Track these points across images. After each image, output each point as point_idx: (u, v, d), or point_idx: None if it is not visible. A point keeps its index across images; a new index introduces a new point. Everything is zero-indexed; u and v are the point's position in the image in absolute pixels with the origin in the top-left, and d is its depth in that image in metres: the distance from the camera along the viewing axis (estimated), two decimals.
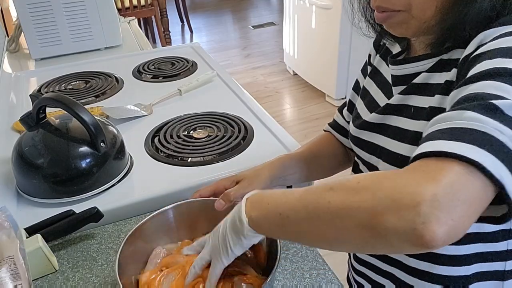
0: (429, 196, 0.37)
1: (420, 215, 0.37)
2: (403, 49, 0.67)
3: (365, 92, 0.74)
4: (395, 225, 0.38)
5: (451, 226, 0.37)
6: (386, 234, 0.39)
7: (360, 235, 0.41)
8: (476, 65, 0.47)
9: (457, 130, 0.41)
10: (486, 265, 0.61)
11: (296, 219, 0.47)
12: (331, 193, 0.44)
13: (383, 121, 0.65)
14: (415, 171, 0.40)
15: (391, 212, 0.38)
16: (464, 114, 0.42)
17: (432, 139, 0.42)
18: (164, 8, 3.69)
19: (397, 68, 0.63)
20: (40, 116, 0.84)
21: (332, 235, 0.44)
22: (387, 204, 0.39)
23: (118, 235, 0.77)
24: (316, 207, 0.45)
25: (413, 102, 0.60)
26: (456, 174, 0.38)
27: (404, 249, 0.40)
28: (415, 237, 0.37)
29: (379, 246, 0.41)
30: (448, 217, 0.37)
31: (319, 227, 0.45)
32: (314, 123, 2.90)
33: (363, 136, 0.69)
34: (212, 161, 0.92)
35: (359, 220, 0.41)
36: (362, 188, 0.42)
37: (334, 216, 0.43)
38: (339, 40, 2.76)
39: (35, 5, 1.51)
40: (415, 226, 0.37)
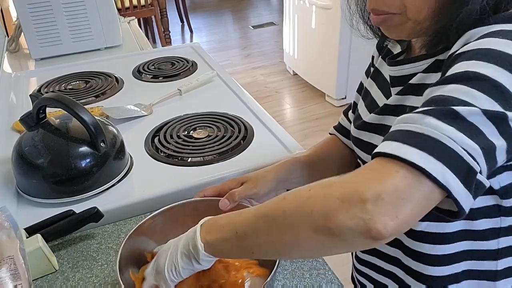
0: (374, 195, 0.40)
1: (368, 212, 0.40)
2: (403, 50, 0.67)
3: (366, 92, 0.74)
4: (345, 223, 0.41)
5: (396, 222, 0.40)
6: (340, 232, 0.42)
7: (317, 238, 0.44)
8: (454, 65, 0.47)
9: (413, 134, 0.43)
10: (476, 263, 0.61)
11: (254, 233, 0.48)
12: (285, 202, 0.47)
13: (381, 122, 0.65)
14: (366, 171, 0.44)
15: (341, 211, 0.41)
16: (424, 119, 0.43)
17: (391, 139, 0.44)
18: (164, 8, 3.69)
19: (395, 69, 0.63)
20: (40, 116, 0.84)
21: (290, 243, 0.46)
22: (337, 204, 0.42)
23: (118, 235, 0.77)
24: (272, 217, 0.47)
25: (410, 103, 0.60)
26: (402, 177, 0.41)
27: (358, 244, 0.42)
28: (365, 231, 0.40)
29: (335, 245, 0.44)
30: (393, 214, 0.40)
31: (277, 237, 0.47)
32: (314, 123, 2.90)
33: (363, 137, 0.69)
34: (212, 161, 0.92)
35: (314, 224, 0.43)
36: (313, 194, 0.45)
37: (290, 223, 0.45)
38: (339, 40, 2.76)
39: (35, 5, 1.51)
40: (363, 222, 0.40)
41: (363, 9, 0.66)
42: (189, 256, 0.53)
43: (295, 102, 3.20)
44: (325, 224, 0.42)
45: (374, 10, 0.57)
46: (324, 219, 0.42)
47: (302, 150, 0.93)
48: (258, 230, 0.48)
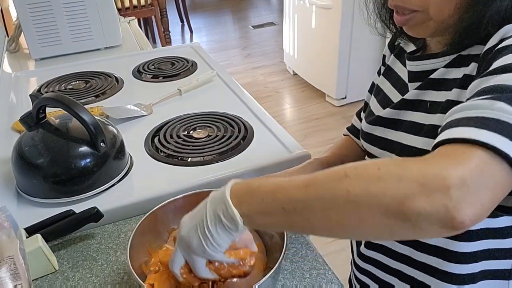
0: (458, 180, 0.38)
1: (452, 199, 0.37)
2: (419, 48, 0.67)
3: (378, 90, 0.75)
4: (425, 209, 0.38)
5: (479, 209, 0.38)
6: (417, 218, 0.39)
7: (385, 222, 0.40)
8: (500, 57, 0.47)
9: (485, 119, 0.41)
10: (492, 263, 0.61)
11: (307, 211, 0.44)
12: (348, 181, 0.42)
13: (398, 116, 0.65)
14: (441, 156, 0.41)
15: (420, 197, 0.38)
16: (495, 104, 0.42)
17: (459, 125, 0.42)
18: (164, 8, 3.69)
19: (415, 64, 0.64)
20: (40, 116, 0.84)
21: (353, 225, 0.43)
22: (416, 189, 0.39)
23: (118, 235, 0.77)
24: (332, 196, 0.42)
25: (430, 97, 0.60)
26: (481, 159, 0.39)
27: (432, 232, 0.40)
28: (446, 220, 0.38)
29: (405, 231, 0.40)
30: (477, 201, 0.38)
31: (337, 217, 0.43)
32: (314, 123, 2.90)
33: (376, 132, 0.70)
34: (212, 161, 0.92)
35: (386, 207, 0.40)
36: (385, 174, 0.41)
37: (356, 205, 0.41)
38: (339, 40, 2.76)
39: (35, 5, 1.51)
40: (446, 209, 0.37)
41: (381, 8, 0.67)
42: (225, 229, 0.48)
43: (295, 102, 3.20)
44: (399, 208, 0.39)
45: (396, 6, 0.57)
46: (399, 202, 0.39)
47: (302, 150, 0.93)
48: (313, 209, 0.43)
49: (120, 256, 0.73)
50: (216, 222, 0.49)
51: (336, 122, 2.88)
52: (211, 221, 0.49)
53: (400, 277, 0.69)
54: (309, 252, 0.71)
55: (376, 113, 0.70)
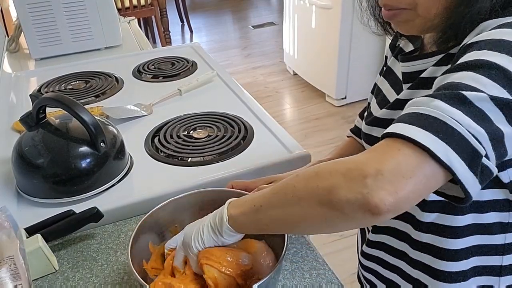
0: (374, 171, 0.42)
1: (367, 186, 0.42)
2: (416, 48, 0.68)
3: (378, 90, 0.75)
4: (346, 196, 0.43)
5: (395, 198, 0.41)
6: (341, 205, 0.44)
7: (321, 212, 0.46)
8: (466, 54, 0.48)
9: (420, 116, 0.44)
10: (483, 259, 0.62)
11: (267, 206, 0.52)
12: (297, 179, 0.49)
13: (392, 116, 0.66)
14: (372, 151, 0.45)
15: (342, 186, 0.44)
16: (432, 102, 0.44)
17: (398, 121, 0.46)
18: (164, 8, 3.69)
19: (407, 65, 0.64)
20: (40, 116, 0.84)
21: (298, 216, 0.49)
22: (340, 180, 0.44)
23: (118, 235, 0.77)
24: (284, 192, 0.50)
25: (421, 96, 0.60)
26: (404, 155, 0.42)
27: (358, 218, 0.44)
28: (364, 205, 0.42)
29: (338, 219, 0.45)
30: (392, 189, 0.41)
31: (287, 211, 0.49)
32: (314, 123, 2.90)
33: (374, 133, 0.70)
34: (212, 161, 0.92)
35: (319, 198, 0.46)
36: (322, 170, 0.47)
37: (298, 197, 0.48)
38: (339, 40, 2.76)
39: (35, 5, 1.51)
40: (362, 195, 0.42)
41: (374, 5, 0.67)
42: (214, 228, 0.57)
43: (295, 102, 3.20)
44: (328, 198, 0.44)
45: (386, 5, 0.58)
46: (328, 193, 0.45)
47: (302, 150, 0.93)
48: (272, 203, 0.51)
49: (120, 256, 0.73)
50: (210, 223, 0.58)
51: (336, 122, 2.88)
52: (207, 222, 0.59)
53: (400, 274, 0.70)
54: (309, 252, 0.71)
55: (374, 114, 0.71)
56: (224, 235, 0.57)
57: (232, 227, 0.56)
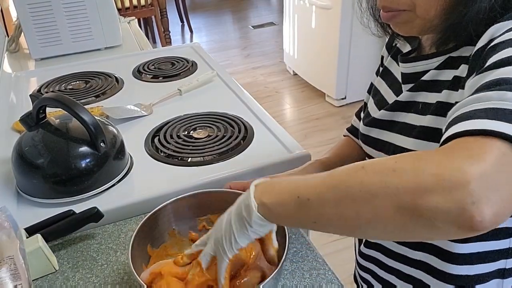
0: (478, 175, 0.35)
1: (472, 195, 0.35)
2: (414, 48, 0.68)
3: (375, 91, 0.75)
4: (442, 205, 0.35)
5: (500, 207, 0.35)
6: (431, 215, 0.36)
7: (399, 217, 0.38)
8: (494, 54, 0.46)
9: (498, 110, 0.39)
10: (488, 266, 0.61)
11: (320, 201, 0.43)
12: (363, 172, 0.41)
13: (392, 118, 0.66)
14: (457, 150, 0.38)
15: (437, 192, 0.36)
16: (505, 95, 0.40)
17: (471, 118, 0.40)
18: (164, 8, 3.69)
19: (407, 66, 0.64)
20: (40, 116, 0.84)
21: (364, 219, 0.40)
22: (432, 183, 0.36)
23: (118, 235, 0.77)
24: (347, 186, 0.41)
25: (422, 99, 0.61)
26: (501, 152, 0.37)
27: (448, 232, 0.37)
28: (464, 218, 0.35)
29: (419, 229, 0.38)
30: (498, 197, 0.35)
31: (349, 209, 0.41)
32: (314, 123, 2.90)
33: (372, 134, 0.70)
34: (212, 161, 0.92)
35: (399, 201, 0.37)
36: (401, 166, 0.39)
37: (368, 197, 0.39)
38: (339, 40, 2.76)
39: (35, 5, 1.51)
40: (464, 206, 0.35)
41: (374, 7, 0.67)
42: (241, 219, 0.49)
43: (295, 102, 3.20)
44: (413, 203, 0.37)
45: (384, 7, 0.58)
46: (413, 196, 0.37)
47: (302, 150, 0.93)
48: (326, 199, 0.43)
49: (120, 256, 0.73)
50: (236, 213, 0.50)
51: (336, 122, 2.88)
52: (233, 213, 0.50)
53: (399, 276, 0.70)
54: (309, 252, 0.71)
55: (372, 115, 0.71)
56: (253, 225, 0.48)
57: (264, 216, 0.47)
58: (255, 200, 0.48)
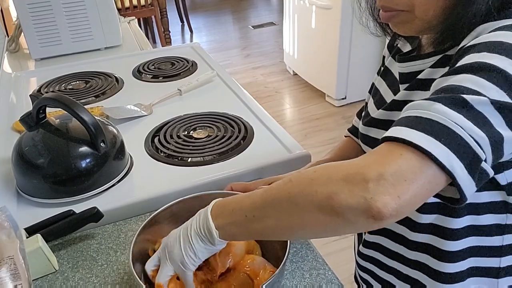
0: (376, 175, 0.41)
1: (369, 191, 0.41)
2: (413, 48, 0.68)
3: (375, 90, 0.75)
4: (348, 202, 0.42)
5: (397, 202, 0.41)
6: (342, 211, 0.42)
7: (321, 218, 0.44)
8: (464, 56, 0.48)
9: (421, 119, 0.44)
10: (480, 260, 0.62)
11: (261, 216, 0.49)
12: (290, 184, 0.48)
13: (389, 117, 0.66)
14: (372, 154, 0.45)
15: (344, 191, 0.42)
16: (432, 105, 0.44)
17: (398, 124, 0.45)
18: (164, 8, 3.69)
19: (404, 66, 0.64)
20: (40, 116, 0.84)
21: (296, 224, 0.47)
22: (340, 184, 0.43)
23: (118, 235, 0.77)
24: (278, 200, 0.48)
25: (417, 97, 0.61)
26: (406, 159, 0.42)
27: (360, 223, 0.43)
28: (366, 210, 0.41)
29: (340, 225, 0.44)
30: (394, 194, 0.41)
31: (283, 219, 0.48)
32: (314, 123, 2.90)
33: (370, 133, 0.70)
34: (212, 161, 0.92)
35: (318, 204, 0.44)
36: (318, 175, 0.46)
37: (295, 205, 0.46)
38: (339, 40, 2.76)
39: (35, 5, 1.51)
40: (364, 200, 0.41)
41: (373, 7, 0.67)
42: (204, 239, 0.54)
43: (295, 102, 3.20)
44: (328, 204, 0.43)
45: (383, 7, 0.58)
46: (328, 198, 0.43)
47: (302, 150, 0.93)
48: (266, 214, 0.49)
49: (120, 256, 0.73)
50: (197, 234, 0.55)
51: (336, 122, 2.88)
52: (194, 233, 0.55)
53: (397, 275, 0.70)
54: (309, 252, 0.71)
55: (371, 114, 0.71)
56: (217, 246, 0.54)
57: (223, 238, 0.53)
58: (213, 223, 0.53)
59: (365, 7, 0.68)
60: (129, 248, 0.60)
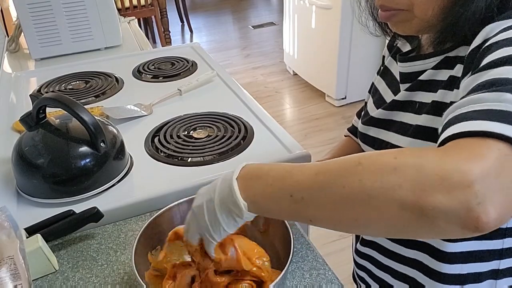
0: (481, 175, 0.35)
1: (477, 195, 0.34)
2: (413, 48, 0.68)
3: (375, 90, 0.75)
4: (446, 205, 0.35)
5: (504, 207, 0.35)
6: (434, 215, 0.35)
7: (401, 217, 0.37)
8: (489, 54, 0.46)
9: (495, 111, 0.39)
10: (481, 265, 0.61)
11: (315, 201, 0.41)
12: (361, 169, 0.39)
13: (389, 117, 0.66)
14: (457, 150, 0.37)
15: (441, 191, 0.35)
16: (502, 96, 0.40)
17: (468, 119, 0.39)
18: (164, 8, 3.69)
19: (405, 66, 0.64)
20: (40, 116, 0.84)
21: (365, 219, 0.39)
22: (436, 182, 0.35)
23: (118, 235, 0.77)
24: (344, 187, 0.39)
25: (418, 98, 0.61)
26: (501, 152, 0.36)
27: (451, 232, 0.36)
28: (470, 219, 0.34)
29: (422, 229, 0.37)
30: (502, 197, 0.35)
31: (346, 211, 0.40)
32: (314, 123, 2.90)
33: (370, 132, 0.70)
34: (212, 161, 0.92)
35: (401, 201, 0.37)
36: (401, 164, 0.38)
37: (367, 197, 0.38)
38: (339, 40, 2.76)
39: (35, 5, 1.51)
40: (470, 207, 0.34)
41: (373, 6, 0.67)
42: (230, 213, 0.47)
43: (295, 102, 3.20)
44: (416, 202, 0.36)
45: (382, 6, 0.58)
46: (417, 196, 0.36)
47: (302, 150, 0.93)
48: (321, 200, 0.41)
49: (120, 256, 0.73)
50: (221, 206, 0.47)
51: (336, 122, 2.89)
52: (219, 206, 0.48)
53: (394, 275, 0.70)
54: (309, 252, 0.71)
55: (371, 114, 0.71)
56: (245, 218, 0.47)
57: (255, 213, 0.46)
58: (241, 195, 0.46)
59: (365, 7, 0.68)
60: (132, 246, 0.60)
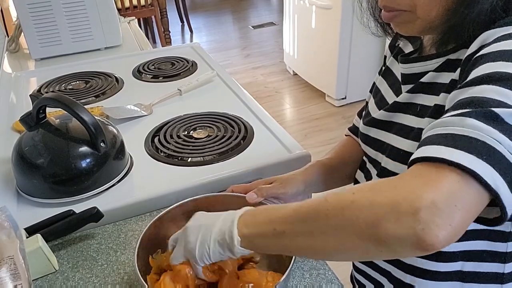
0: (428, 203, 0.38)
1: (420, 222, 0.38)
2: (415, 49, 0.68)
3: (376, 90, 0.75)
4: (395, 232, 0.39)
5: (449, 232, 0.38)
6: (388, 241, 0.40)
7: (362, 245, 0.42)
8: (478, 66, 0.47)
9: (457, 137, 0.41)
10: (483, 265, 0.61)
11: (293, 233, 0.47)
12: (327, 204, 0.45)
13: (390, 119, 0.66)
14: (414, 177, 0.41)
15: (390, 220, 0.39)
16: (465, 121, 0.42)
17: (432, 143, 0.42)
18: (164, 8, 3.69)
19: (406, 67, 0.64)
20: (40, 116, 0.84)
21: (332, 247, 0.45)
22: (386, 212, 0.40)
23: (118, 235, 0.77)
24: (313, 219, 0.45)
25: (420, 101, 0.61)
26: (454, 182, 0.39)
27: (406, 254, 0.41)
28: (416, 243, 0.38)
29: (380, 253, 0.42)
30: (447, 223, 0.38)
31: (318, 240, 0.45)
32: (314, 123, 2.90)
33: (371, 133, 0.70)
34: (212, 161, 0.92)
35: (359, 231, 0.41)
36: (358, 198, 0.43)
37: (333, 228, 0.43)
38: (339, 40, 2.75)
39: (35, 5, 1.51)
40: (415, 232, 0.38)
41: (374, 6, 0.67)
42: (223, 245, 0.52)
43: (295, 102, 3.20)
44: (372, 232, 0.40)
45: (385, 6, 0.58)
46: (372, 226, 0.40)
47: (302, 150, 0.93)
48: (298, 231, 0.46)
49: (120, 256, 0.73)
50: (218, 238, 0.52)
51: (336, 122, 2.88)
52: (215, 236, 0.52)
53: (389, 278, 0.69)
54: None
55: (372, 114, 0.71)
56: (235, 254, 0.52)
57: (246, 248, 0.51)
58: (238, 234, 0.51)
59: (366, 7, 0.68)
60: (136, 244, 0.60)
